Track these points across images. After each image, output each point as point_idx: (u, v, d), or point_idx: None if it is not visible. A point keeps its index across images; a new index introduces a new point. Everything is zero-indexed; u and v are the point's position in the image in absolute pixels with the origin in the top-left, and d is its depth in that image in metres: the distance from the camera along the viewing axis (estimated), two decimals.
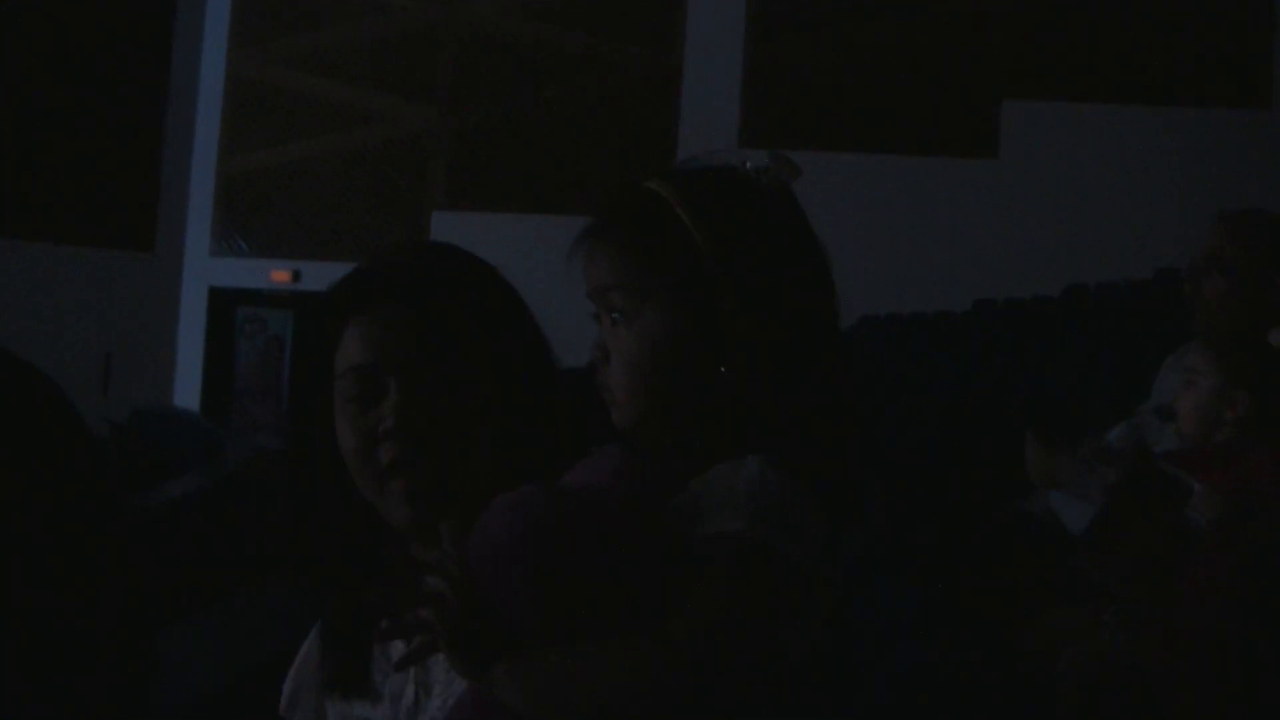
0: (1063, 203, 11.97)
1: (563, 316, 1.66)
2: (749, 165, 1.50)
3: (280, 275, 13.02)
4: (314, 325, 1.62)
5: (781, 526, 1.37)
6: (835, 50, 12.60)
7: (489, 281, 1.62)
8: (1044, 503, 4.65)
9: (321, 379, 1.59)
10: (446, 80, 13.14)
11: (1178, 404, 3.52)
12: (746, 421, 1.44)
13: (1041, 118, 12.20)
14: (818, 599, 1.41)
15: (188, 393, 13.14)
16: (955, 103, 12.41)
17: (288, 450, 1.63)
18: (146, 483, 7.46)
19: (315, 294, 1.64)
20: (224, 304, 13.19)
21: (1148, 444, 3.64)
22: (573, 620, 1.33)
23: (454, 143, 13.09)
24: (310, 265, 12.64)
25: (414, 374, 1.54)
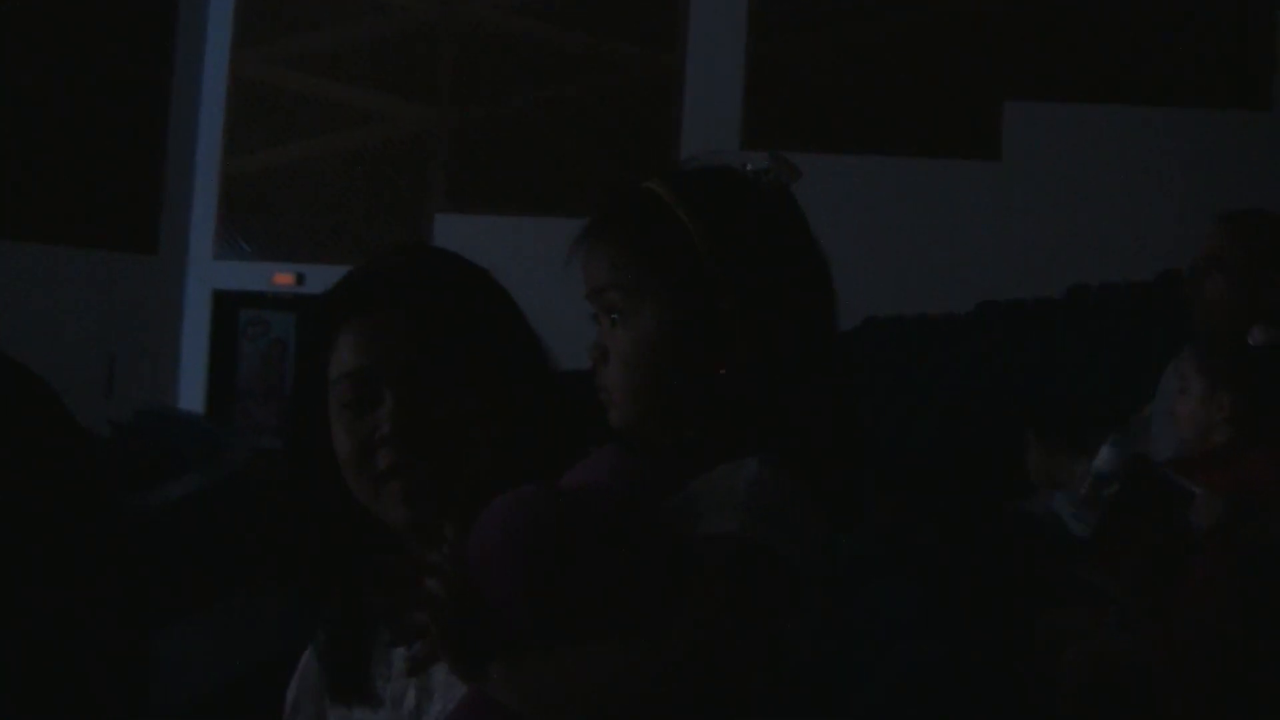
0: (1065, 204, 11.97)
1: (566, 318, 1.66)
2: (749, 167, 1.50)
3: (283, 278, 13.03)
4: (308, 331, 1.62)
5: (780, 527, 1.36)
6: (837, 51, 12.60)
7: (481, 285, 1.62)
8: (1045, 503, 4.66)
9: (317, 384, 1.59)
10: (448, 81, 13.15)
11: (1175, 410, 3.54)
12: (745, 422, 1.44)
13: (1044, 119, 12.20)
14: (816, 600, 1.41)
15: (191, 395, 13.15)
16: (958, 104, 12.41)
17: (284, 455, 1.63)
18: (149, 483, 7.46)
19: (316, 297, 1.64)
20: (227, 306, 13.20)
21: (1145, 453, 3.65)
22: (570, 621, 1.33)
23: (456, 144, 13.09)
24: (313, 268, 12.64)
25: (409, 379, 1.54)
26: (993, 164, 12.35)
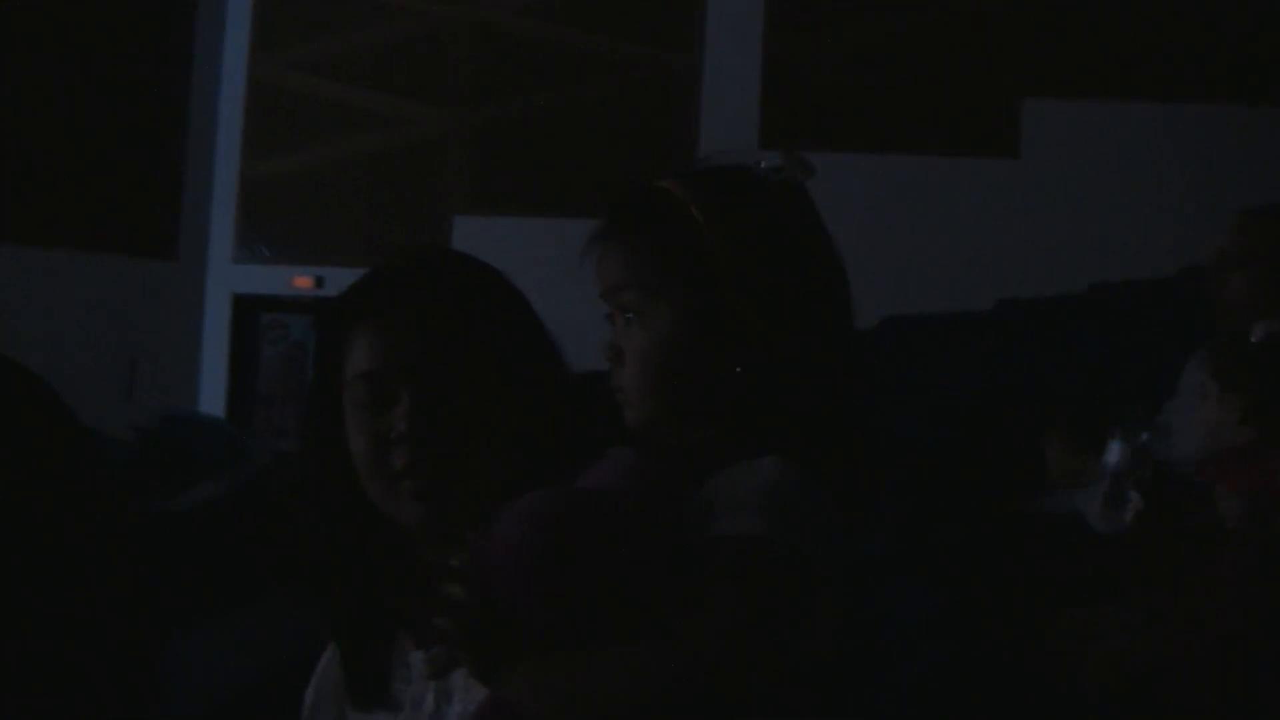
0: (1085, 201, 11.91)
1: (591, 319, 1.66)
2: (761, 165, 1.50)
3: (303, 281, 13.03)
4: (324, 333, 1.62)
5: (797, 527, 1.36)
6: (854, 50, 12.55)
7: (494, 285, 1.62)
8: (1066, 502, 4.64)
9: (332, 386, 1.59)
10: (466, 83, 13.15)
11: (1196, 416, 3.54)
12: (760, 421, 1.44)
13: (1063, 116, 12.14)
14: (834, 599, 1.40)
15: (212, 399, 13.17)
16: (976, 102, 12.36)
17: (300, 456, 1.63)
18: (172, 488, 7.47)
19: (331, 299, 1.64)
20: (247, 310, 13.23)
21: (1166, 452, 3.64)
22: (588, 623, 1.32)
23: (474, 146, 13.09)
24: (333, 271, 12.64)
25: (424, 379, 1.54)
26: (1011, 162, 12.29)
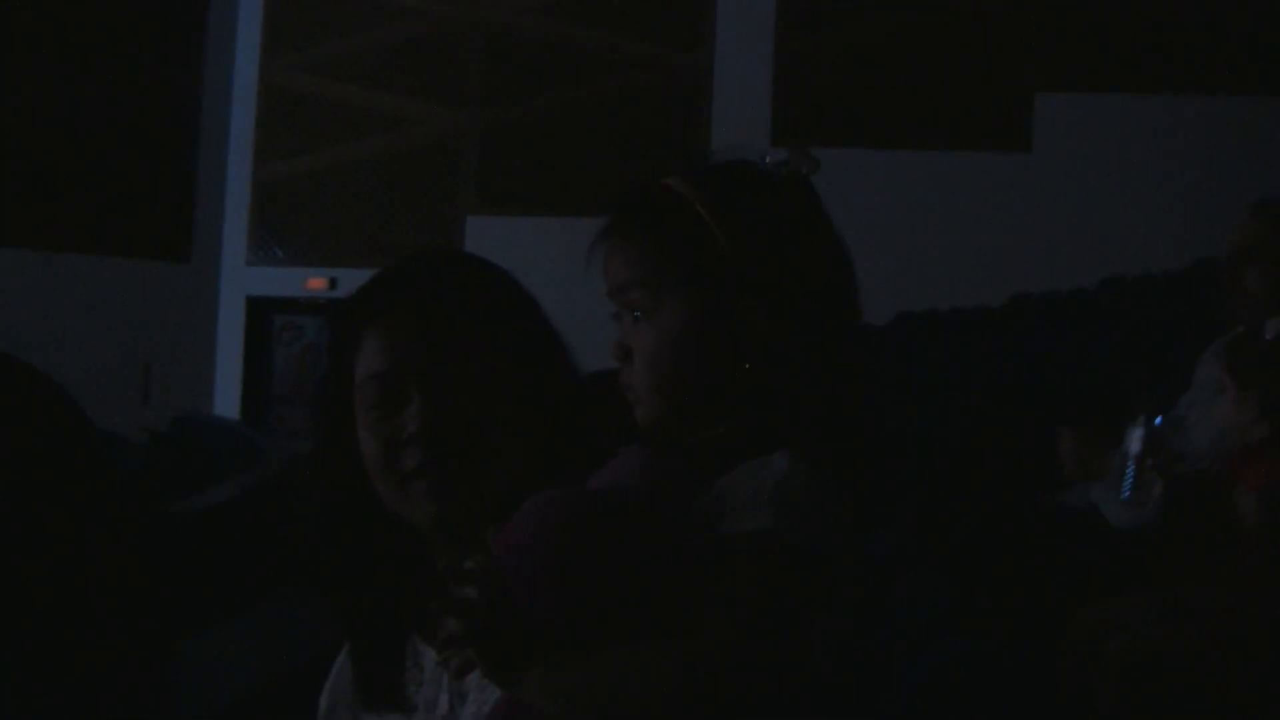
0: (1098, 195, 11.90)
1: (602, 317, 1.65)
2: (767, 160, 1.49)
3: (316, 283, 13.07)
4: (334, 334, 1.62)
5: (810, 523, 1.36)
6: (866, 46, 12.56)
7: (503, 286, 1.62)
8: (1082, 495, 4.63)
9: (343, 387, 1.59)
10: (477, 84, 13.16)
11: (1213, 413, 3.54)
12: (770, 417, 1.43)
13: (1075, 110, 12.13)
14: (848, 595, 1.40)
15: (227, 400, 13.20)
16: (988, 97, 12.35)
17: (312, 457, 1.63)
18: (187, 490, 7.49)
19: (342, 301, 1.64)
20: (261, 312, 13.25)
21: (1184, 443, 3.64)
22: (602, 623, 1.32)
23: (486, 146, 13.10)
24: (345, 273, 12.67)
25: (434, 380, 1.54)
26: (1024, 156, 12.28)
